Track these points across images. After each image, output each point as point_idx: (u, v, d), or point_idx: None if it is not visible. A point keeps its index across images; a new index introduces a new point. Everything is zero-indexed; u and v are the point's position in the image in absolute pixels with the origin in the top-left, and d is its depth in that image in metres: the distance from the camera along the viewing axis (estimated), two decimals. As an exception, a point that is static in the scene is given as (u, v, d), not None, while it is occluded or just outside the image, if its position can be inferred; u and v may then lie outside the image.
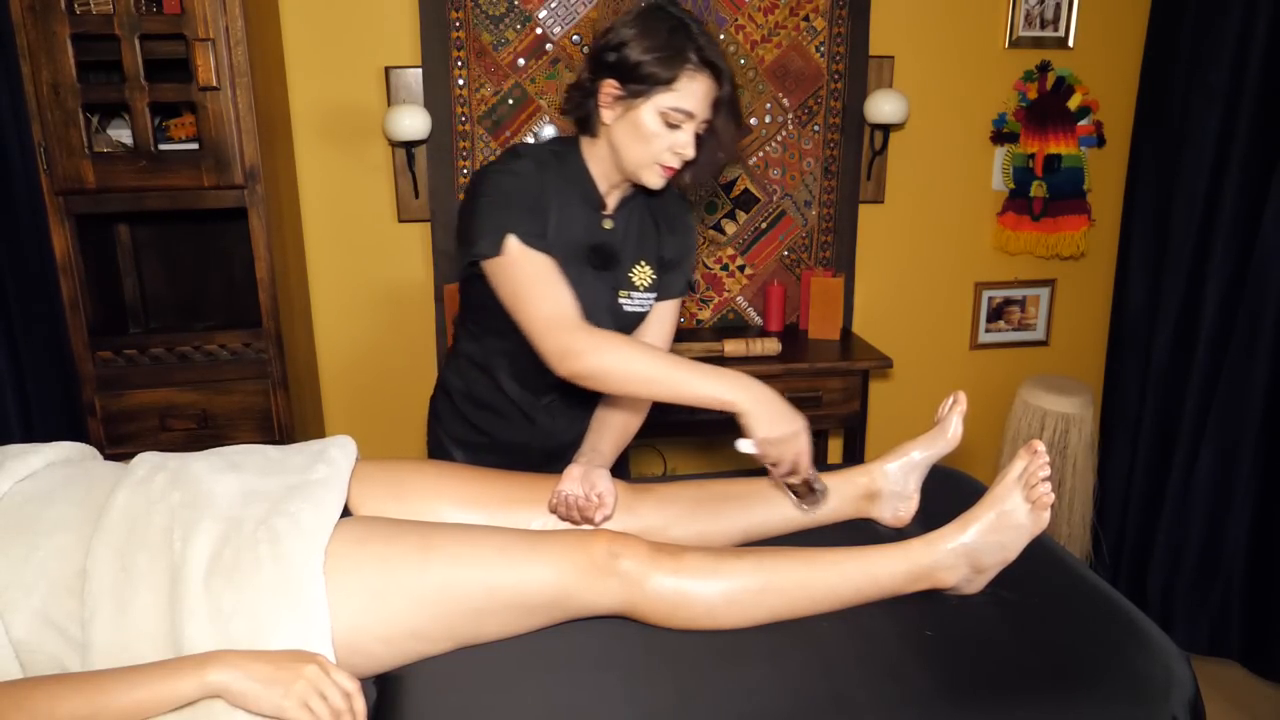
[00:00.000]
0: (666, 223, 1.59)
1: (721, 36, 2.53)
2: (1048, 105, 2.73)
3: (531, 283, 1.38)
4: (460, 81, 2.48)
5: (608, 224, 1.52)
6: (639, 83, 1.38)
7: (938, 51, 2.70)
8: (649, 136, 1.39)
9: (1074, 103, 2.72)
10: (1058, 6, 2.72)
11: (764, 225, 2.72)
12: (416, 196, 2.56)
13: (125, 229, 2.42)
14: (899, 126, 2.70)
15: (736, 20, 2.54)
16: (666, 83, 1.37)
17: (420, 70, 2.46)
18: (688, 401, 1.32)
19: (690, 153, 1.41)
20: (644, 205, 1.57)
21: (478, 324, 1.58)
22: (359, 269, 2.63)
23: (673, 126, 1.39)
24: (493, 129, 2.53)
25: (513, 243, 1.38)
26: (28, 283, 2.27)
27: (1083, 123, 2.76)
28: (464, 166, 2.54)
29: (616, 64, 1.39)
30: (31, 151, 2.07)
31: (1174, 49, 2.54)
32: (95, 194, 2.07)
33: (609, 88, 1.40)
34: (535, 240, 1.39)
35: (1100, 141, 2.80)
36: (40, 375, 2.31)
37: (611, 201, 1.52)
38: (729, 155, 1.50)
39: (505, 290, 1.40)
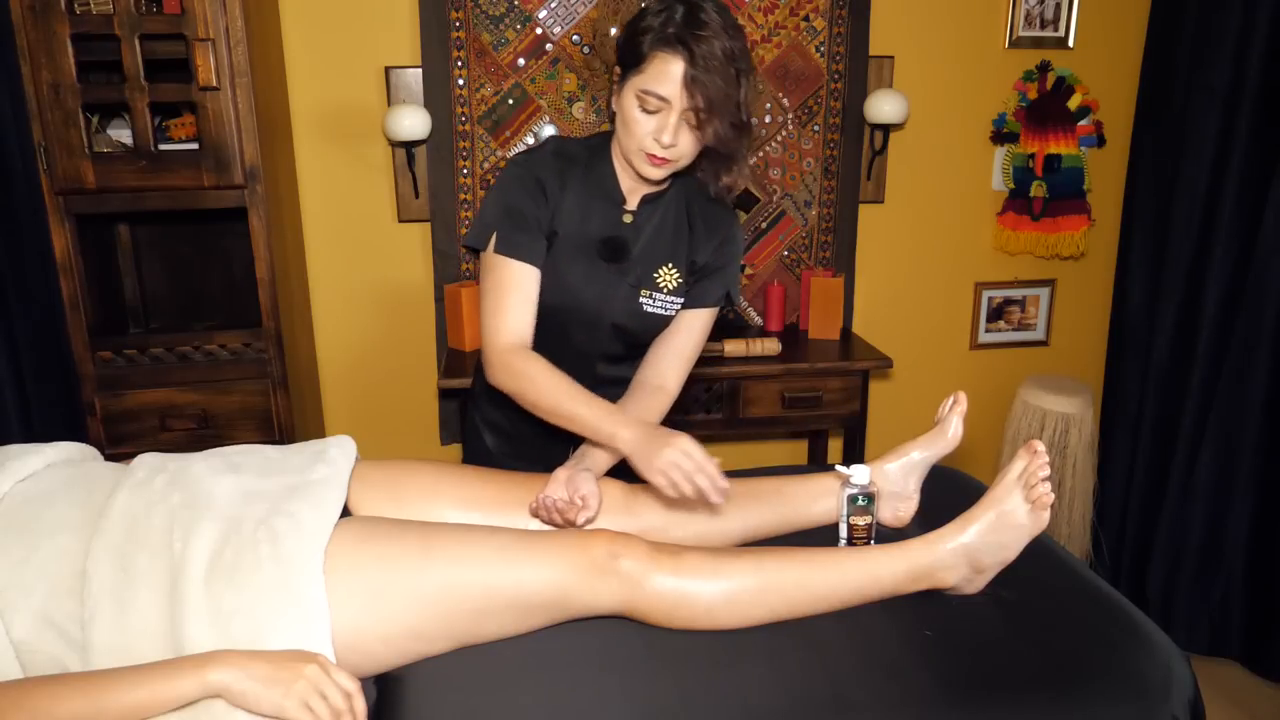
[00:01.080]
0: (706, 227, 1.55)
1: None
2: (1048, 105, 2.73)
3: (495, 289, 1.45)
4: (460, 81, 2.48)
5: (627, 218, 1.51)
6: (622, 66, 1.38)
7: (938, 51, 2.70)
8: (630, 121, 1.38)
9: (1074, 103, 2.72)
10: (1058, 6, 2.72)
11: (764, 225, 2.72)
12: (416, 196, 2.56)
13: (125, 229, 2.42)
14: (899, 126, 2.70)
15: (736, 20, 2.53)
16: (637, 64, 1.35)
17: (420, 70, 2.46)
18: (584, 435, 1.41)
19: (669, 139, 1.35)
20: (682, 206, 1.54)
21: None
22: (359, 269, 2.63)
23: (648, 112, 1.35)
24: (493, 129, 2.53)
25: (492, 244, 1.45)
26: (28, 283, 2.27)
27: (1083, 123, 2.76)
28: (464, 166, 2.54)
29: (617, 52, 1.41)
30: (31, 151, 2.07)
31: (1174, 49, 2.54)
32: (95, 194, 2.07)
33: (615, 76, 1.42)
34: (514, 248, 1.43)
35: (1100, 141, 2.80)
36: (40, 375, 2.31)
37: (633, 195, 1.51)
38: (718, 144, 1.38)
39: (480, 285, 1.48)
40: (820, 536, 1.44)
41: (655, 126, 1.36)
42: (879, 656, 1.18)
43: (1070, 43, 2.74)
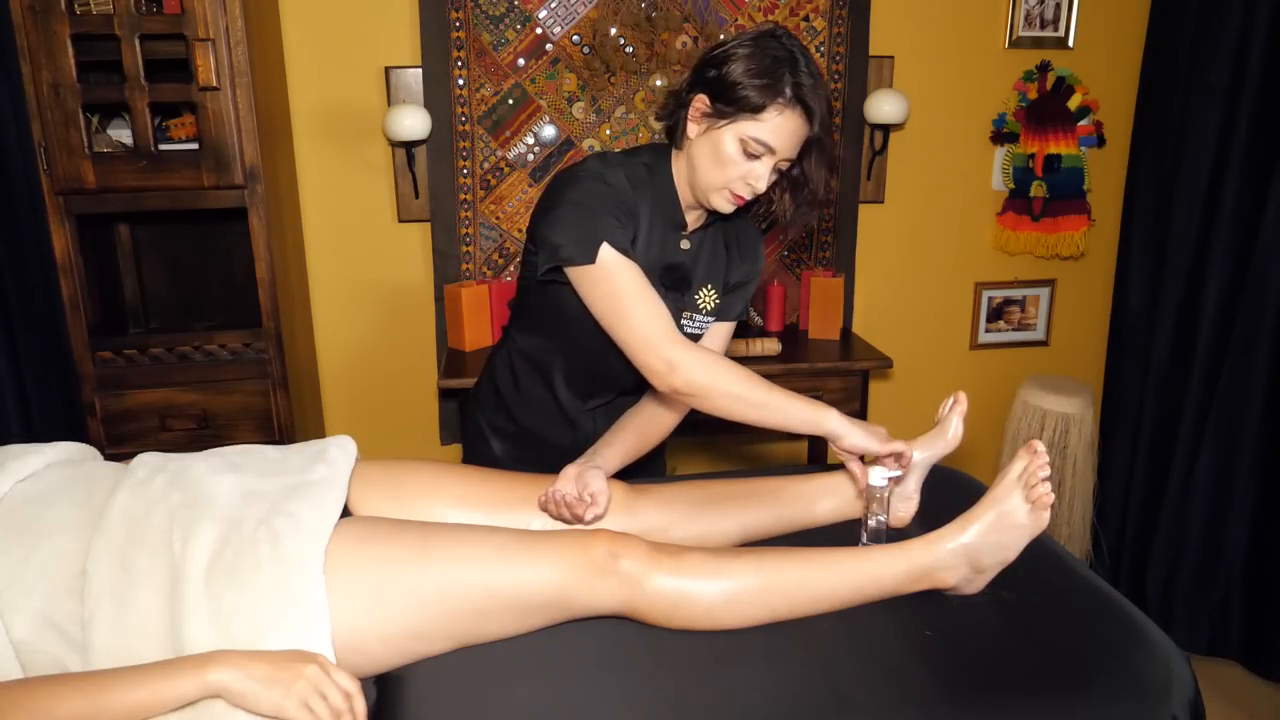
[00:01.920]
0: (738, 248, 1.57)
1: (721, 36, 2.53)
2: (1048, 105, 2.73)
3: (628, 296, 1.35)
4: (460, 81, 2.48)
5: (685, 244, 1.51)
6: (728, 104, 1.35)
7: (938, 51, 2.70)
8: (725, 161, 1.37)
9: (1074, 103, 2.72)
10: (1058, 6, 2.72)
11: (764, 225, 2.72)
12: (416, 196, 2.56)
13: (125, 229, 2.42)
14: (899, 126, 2.70)
15: (737, 20, 2.54)
16: (754, 111, 1.34)
17: (420, 70, 2.46)
18: (778, 425, 1.38)
19: (763, 186, 1.38)
20: (718, 229, 1.56)
21: (537, 323, 1.57)
22: (359, 269, 2.63)
23: (751, 156, 1.36)
24: (493, 129, 2.53)
25: (607, 252, 1.35)
26: (28, 283, 2.27)
27: (1083, 123, 2.76)
28: (464, 166, 2.54)
29: (712, 81, 1.37)
30: (31, 151, 2.07)
31: (1174, 49, 2.54)
32: (95, 194, 2.07)
33: (699, 102, 1.38)
34: (627, 252, 1.38)
35: (1100, 141, 2.80)
36: (40, 375, 2.31)
37: (691, 222, 1.51)
38: (819, 200, 1.45)
39: (599, 301, 1.37)
40: (821, 536, 1.44)
41: (756, 172, 1.37)
42: (879, 656, 1.18)
43: (1070, 43, 2.74)
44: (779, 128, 1.34)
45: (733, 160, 1.36)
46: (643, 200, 1.45)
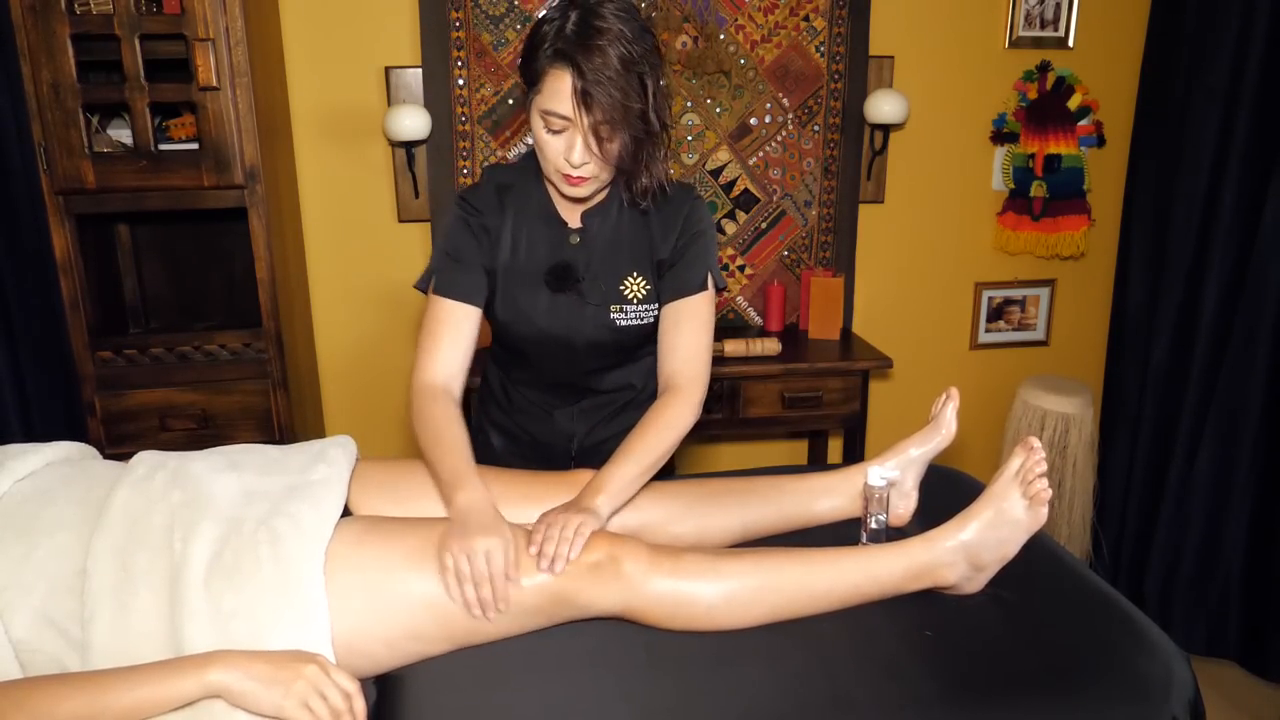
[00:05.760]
0: (661, 220, 1.46)
1: (721, 36, 2.53)
2: (1048, 105, 2.73)
3: (428, 327, 1.44)
4: (460, 81, 2.48)
5: (574, 239, 1.46)
6: (527, 85, 1.34)
7: (938, 51, 2.70)
8: (539, 144, 1.34)
9: (1074, 103, 2.72)
10: (1058, 6, 2.72)
11: (764, 225, 2.72)
12: (416, 196, 2.56)
13: (125, 229, 2.42)
14: (899, 126, 2.70)
15: (736, 20, 2.54)
16: (533, 83, 1.31)
17: (420, 70, 2.46)
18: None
19: (577, 159, 1.30)
20: (634, 211, 1.46)
21: (495, 331, 1.58)
22: (359, 269, 2.63)
23: (553, 131, 1.31)
24: (493, 129, 2.53)
25: (433, 286, 1.45)
26: (28, 283, 2.27)
27: (1083, 123, 2.76)
28: (464, 166, 2.54)
29: (520, 66, 1.36)
30: (31, 151, 2.07)
31: (1174, 49, 2.54)
32: (95, 194, 2.07)
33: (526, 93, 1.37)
34: (450, 287, 1.43)
35: (1100, 141, 2.80)
36: (40, 375, 2.31)
37: (573, 213, 1.46)
38: (620, 160, 1.33)
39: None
40: (821, 535, 1.44)
41: (564, 146, 1.31)
42: (879, 656, 1.18)
43: (1070, 43, 2.74)
44: (554, 91, 1.27)
45: (544, 141, 1.32)
46: (513, 205, 1.45)
